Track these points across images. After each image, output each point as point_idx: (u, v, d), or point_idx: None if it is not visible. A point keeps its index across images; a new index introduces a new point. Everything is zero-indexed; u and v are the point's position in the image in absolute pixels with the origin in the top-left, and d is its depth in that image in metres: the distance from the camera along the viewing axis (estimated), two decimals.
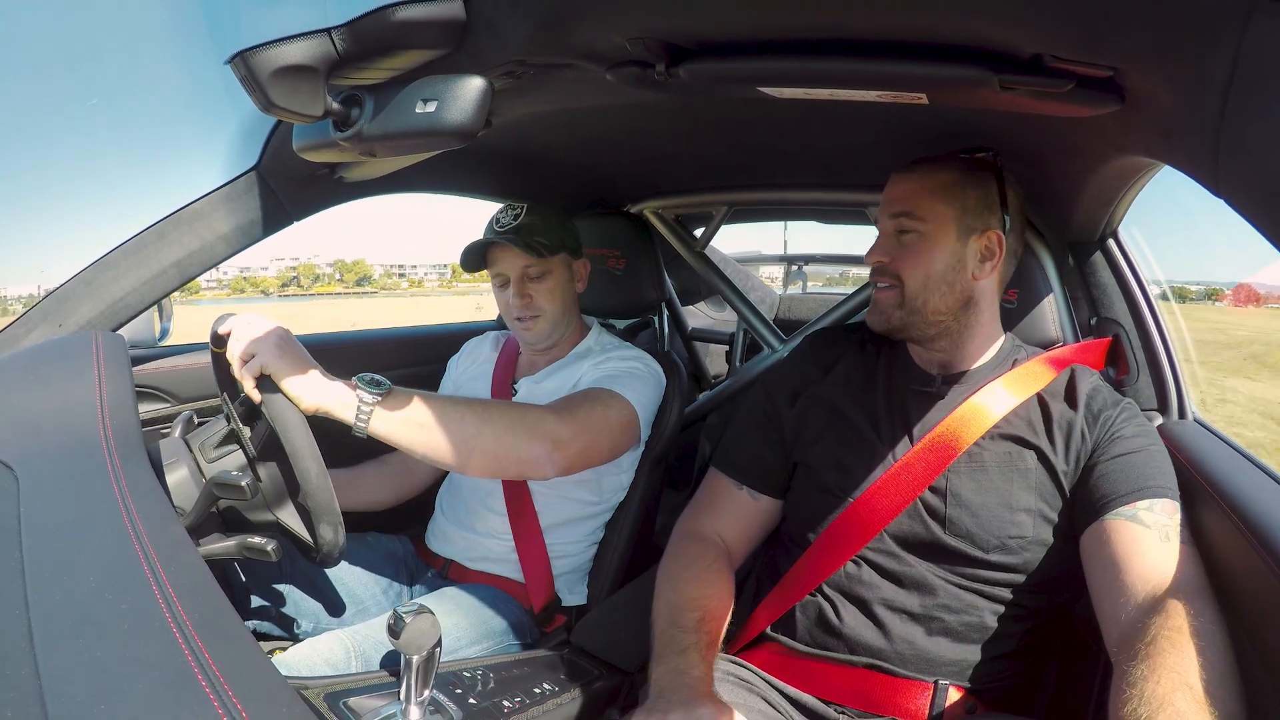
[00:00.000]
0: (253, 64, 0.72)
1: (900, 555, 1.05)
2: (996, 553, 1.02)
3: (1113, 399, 1.07)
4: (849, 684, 1.05)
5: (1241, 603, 0.84)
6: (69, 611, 0.61)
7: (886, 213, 1.13)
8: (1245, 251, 35.03)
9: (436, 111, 0.77)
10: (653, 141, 1.56)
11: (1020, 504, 1.02)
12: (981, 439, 1.05)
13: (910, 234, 1.09)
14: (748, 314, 2.01)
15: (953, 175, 1.09)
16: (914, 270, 1.09)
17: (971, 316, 1.11)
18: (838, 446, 1.13)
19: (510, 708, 1.04)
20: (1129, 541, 0.92)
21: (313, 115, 0.79)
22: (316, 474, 1.00)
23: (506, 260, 1.48)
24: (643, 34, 0.83)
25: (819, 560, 1.09)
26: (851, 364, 1.20)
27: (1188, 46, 0.63)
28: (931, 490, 1.05)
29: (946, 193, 1.08)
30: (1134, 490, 0.96)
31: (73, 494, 0.80)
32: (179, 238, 1.32)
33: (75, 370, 1.06)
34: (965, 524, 1.03)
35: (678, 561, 1.12)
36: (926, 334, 1.12)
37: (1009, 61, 0.76)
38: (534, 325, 1.49)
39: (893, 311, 1.11)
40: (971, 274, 1.09)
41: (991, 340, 1.15)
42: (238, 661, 0.58)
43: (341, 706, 0.95)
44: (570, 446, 1.21)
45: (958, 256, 1.09)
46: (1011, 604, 1.03)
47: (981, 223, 1.09)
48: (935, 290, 1.09)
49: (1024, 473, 1.03)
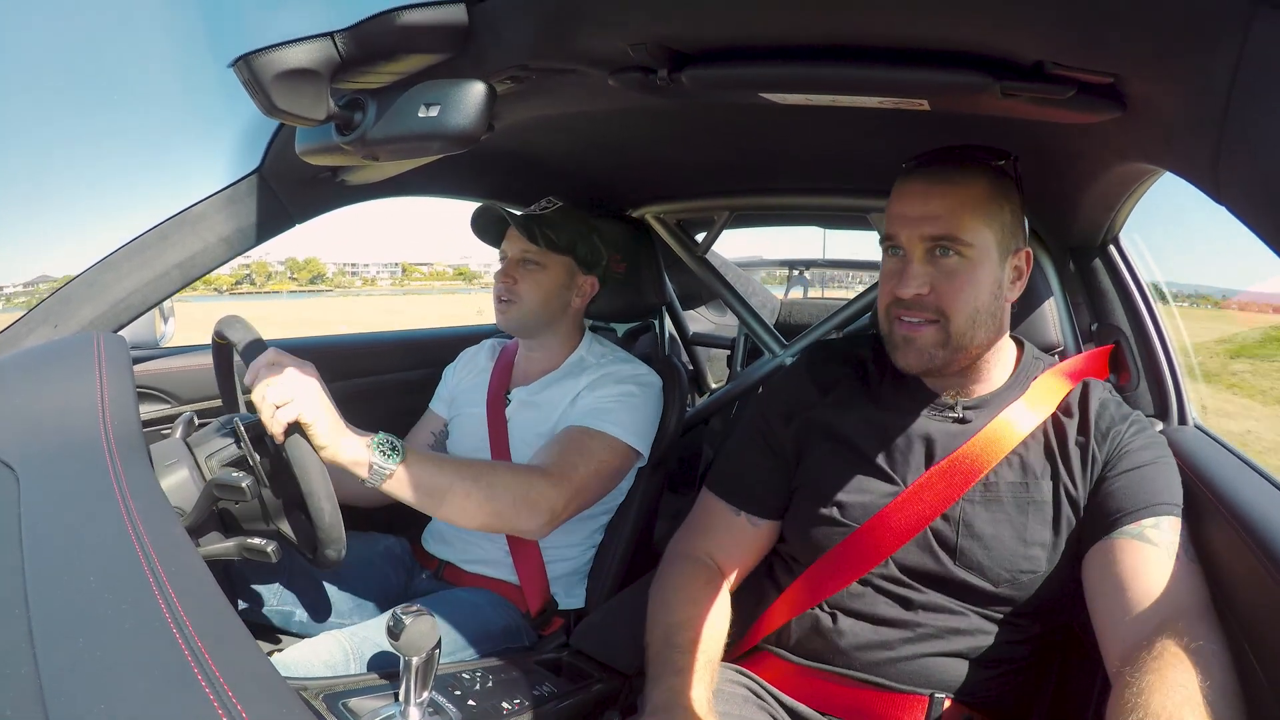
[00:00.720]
0: (256, 67, 0.72)
1: (906, 581, 1.02)
2: (1006, 586, 0.98)
3: (1121, 413, 1.02)
4: (845, 697, 1.03)
5: (1242, 608, 0.84)
6: (69, 611, 0.61)
7: (920, 233, 0.97)
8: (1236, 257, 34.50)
9: (439, 115, 0.77)
10: (655, 146, 1.56)
11: (1035, 538, 0.98)
12: (998, 467, 1.00)
13: (953, 258, 0.97)
14: (749, 319, 2.02)
15: (988, 188, 0.98)
16: (961, 303, 0.97)
17: (1000, 340, 1.05)
18: (842, 473, 1.07)
19: (509, 710, 1.04)
20: (1136, 561, 0.89)
21: (316, 119, 0.79)
22: (330, 514, 1.01)
23: (513, 241, 1.50)
24: (645, 39, 0.83)
25: (820, 581, 1.06)
26: (853, 384, 1.13)
27: (1188, 53, 0.63)
28: (944, 519, 1.00)
29: (987, 210, 0.97)
30: (1142, 508, 0.93)
31: (73, 494, 0.80)
32: (181, 239, 1.33)
33: (76, 371, 1.07)
34: (976, 555, 0.99)
35: (670, 584, 1.09)
36: (963, 368, 1.04)
37: (1010, 68, 0.77)
38: (508, 310, 1.47)
39: (935, 352, 0.99)
40: (1005, 298, 1.01)
41: (1010, 359, 1.09)
42: (237, 661, 0.58)
43: (340, 707, 0.95)
44: (565, 511, 1.25)
45: (999, 283, 0.99)
46: (1016, 628, 1.01)
47: (1016, 241, 1.01)
48: (982, 325, 0.99)
49: (1040, 505, 0.99)
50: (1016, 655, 1.02)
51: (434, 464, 1.13)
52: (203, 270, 1.36)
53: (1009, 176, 1.02)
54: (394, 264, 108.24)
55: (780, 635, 1.10)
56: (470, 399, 1.58)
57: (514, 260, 1.48)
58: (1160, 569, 0.88)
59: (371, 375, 1.85)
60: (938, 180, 0.99)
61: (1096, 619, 0.91)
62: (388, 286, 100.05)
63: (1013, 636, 1.01)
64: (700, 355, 2.55)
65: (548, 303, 1.49)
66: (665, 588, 1.09)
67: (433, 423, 1.66)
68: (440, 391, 1.70)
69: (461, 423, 1.57)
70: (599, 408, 1.39)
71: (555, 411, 1.44)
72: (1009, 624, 1.01)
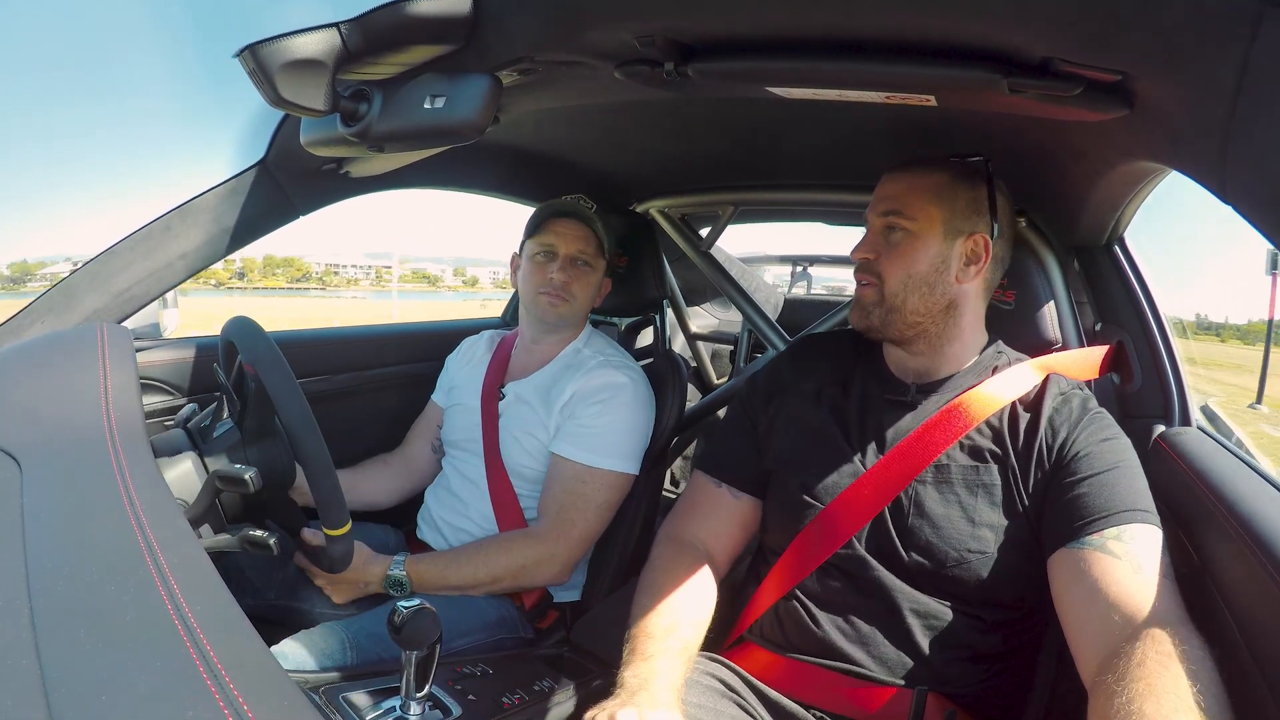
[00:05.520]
0: (262, 57, 0.72)
1: (869, 563, 1.04)
2: (955, 567, 1.00)
3: (1079, 412, 1.03)
4: (828, 688, 1.04)
5: (1243, 612, 0.84)
6: (71, 602, 0.61)
7: (876, 210, 1.12)
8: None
9: (444, 107, 0.77)
10: (660, 140, 1.56)
11: (983, 519, 1.01)
12: (951, 450, 1.04)
13: (898, 232, 1.09)
14: (752, 314, 2.01)
15: (945, 177, 1.09)
16: (896, 269, 1.08)
17: (952, 321, 1.10)
18: (808, 455, 1.13)
19: (509, 704, 1.04)
20: (1099, 573, 0.89)
21: (321, 110, 0.79)
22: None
23: (567, 237, 1.51)
24: (652, 32, 0.83)
25: (792, 567, 1.09)
26: (829, 371, 1.20)
27: (1196, 52, 0.63)
28: (897, 500, 1.05)
29: (938, 193, 1.08)
30: (1101, 517, 0.93)
31: (76, 485, 0.80)
32: (185, 231, 1.33)
33: (80, 361, 1.07)
34: (925, 535, 1.02)
35: (654, 566, 1.11)
36: (905, 335, 1.11)
37: (1018, 64, 0.76)
38: (559, 305, 1.50)
39: (872, 309, 1.11)
40: (955, 276, 1.08)
41: (972, 346, 1.13)
42: (239, 654, 0.58)
43: (341, 701, 0.95)
44: (571, 561, 1.39)
45: (942, 258, 1.08)
46: (978, 616, 1.02)
47: (969, 225, 1.08)
48: (915, 290, 1.08)
49: (988, 488, 1.02)
50: (990, 647, 1.03)
51: (437, 575, 1.32)
52: (206, 262, 1.36)
53: (980, 174, 1.10)
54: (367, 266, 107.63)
55: (762, 626, 1.12)
56: (466, 390, 1.59)
57: (569, 257, 1.51)
58: (1127, 581, 0.87)
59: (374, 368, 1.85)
60: (902, 170, 1.12)
61: (1067, 629, 0.91)
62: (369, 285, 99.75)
63: (979, 626, 1.02)
64: (703, 351, 2.55)
65: (590, 304, 1.56)
66: (650, 570, 1.11)
67: (435, 415, 1.67)
68: (441, 381, 1.71)
69: (455, 413, 1.59)
70: (593, 434, 1.42)
71: (550, 417, 1.46)
72: (972, 614, 1.02)
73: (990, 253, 1.08)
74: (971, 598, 1.02)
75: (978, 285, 1.10)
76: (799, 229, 43.86)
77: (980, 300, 1.12)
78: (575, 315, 1.54)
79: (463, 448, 1.55)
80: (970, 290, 1.10)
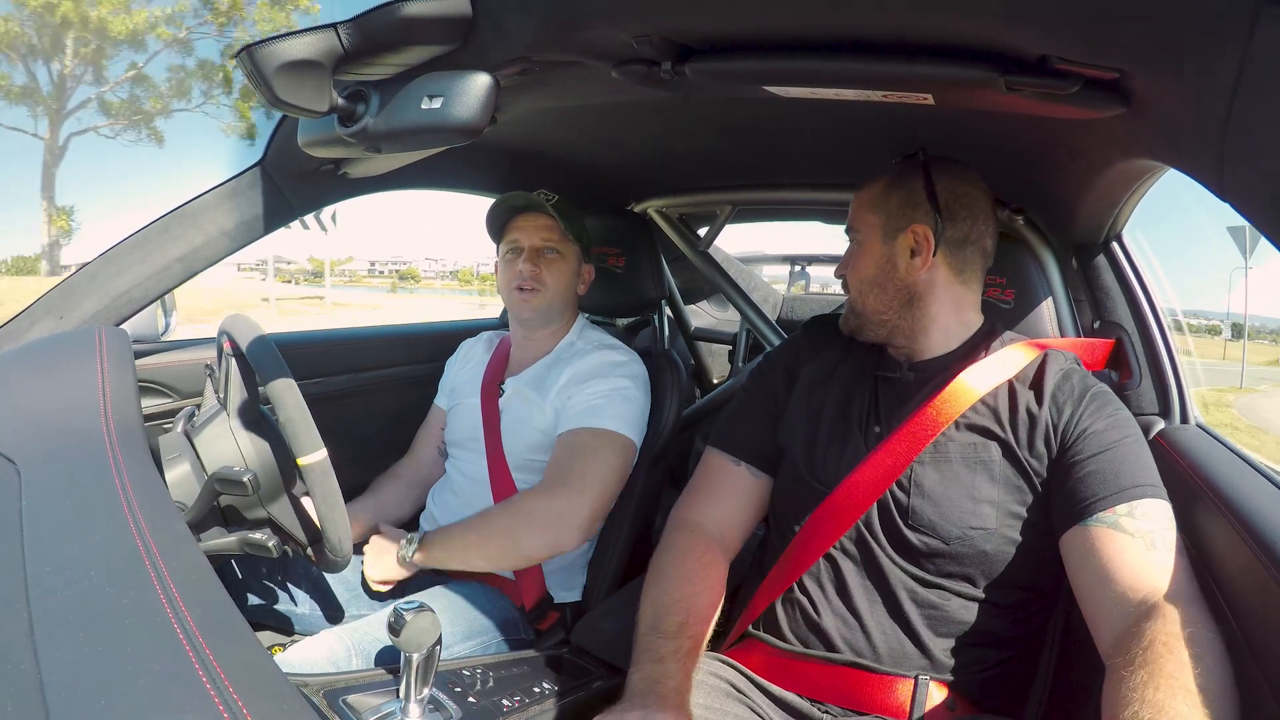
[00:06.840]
0: (259, 59, 0.72)
1: (872, 547, 1.05)
2: (958, 544, 1.01)
3: (1081, 388, 1.04)
4: (832, 682, 1.05)
5: (1242, 608, 0.84)
6: (70, 606, 0.61)
7: (846, 229, 1.22)
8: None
9: (442, 108, 0.77)
10: (658, 140, 1.56)
11: (983, 495, 1.02)
12: (949, 429, 1.05)
13: (853, 245, 1.19)
14: (750, 314, 2.01)
15: (881, 184, 1.16)
16: (854, 277, 1.18)
17: (918, 310, 1.13)
18: (815, 436, 1.15)
19: (509, 706, 1.04)
20: (1113, 551, 0.90)
21: (318, 110, 0.79)
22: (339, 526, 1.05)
23: (528, 230, 1.52)
24: (649, 32, 0.83)
25: (799, 553, 1.09)
26: (839, 354, 1.23)
27: (1194, 49, 0.63)
28: (899, 481, 1.06)
29: (873, 202, 1.15)
30: (1112, 494, 0.94)
31: (74, 488, 0.80)
32: (183, 233, 1.32)
33: (78, 364, 1.06)
34: (927, 514, 1.03)
35: (667, 556, 1.11)
36: (879, 333, 1.16)
37: (1015, 62, 0.76)
38: (532, 298, 1.50)
39: (849, 316, 1.20)
40: (904, 270, 1.12)
41: (955, 330, 1.14)
42: (238, 657, 0.58)
43: (341, 704, 0.95)
44: (592, 520, 1.35)
45: (886, 258, 1.13)
46: (983, 600, 1.03)
47: (905, 221, 1.12)
48: (869, 292, 1.15)
49: (988, 465, 1.03)
50: (992, 633, 1.04)
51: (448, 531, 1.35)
52: (205, 264, 1.35)
53: (916, 169, 1.14)
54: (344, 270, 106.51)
55: (765, 621, 1.13)
56: (466, 390, 1.60)
57: (534, 249, 1.51)
58: (1141, 558, 0.89)
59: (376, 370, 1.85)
60: (858, 190, 1.20)
61: (1084, 606, 0.93)
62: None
63: (982, 610, 1.03)
64: (702, 350, 2.55)
65: (568, 291, 1.56)
66: (662, 561, 1.10)
67: (439, 419, 1.67)
68: (442, 384, 1.71)
69: (457, 413, 1.59)
70: (594, 405, 1.41)
71: (547, 402, 1.45)
72: (974, 597, 1.03)
73: (936, 239, 1.09)
74: (974, 578, 1.03)
75: (940, 273, 1.12)
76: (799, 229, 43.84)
77: (951, 285, 1.12)
78: (552, 305, 1.53)
79: (466, 446, 1.55)
80: (933, 279, 1.12)
